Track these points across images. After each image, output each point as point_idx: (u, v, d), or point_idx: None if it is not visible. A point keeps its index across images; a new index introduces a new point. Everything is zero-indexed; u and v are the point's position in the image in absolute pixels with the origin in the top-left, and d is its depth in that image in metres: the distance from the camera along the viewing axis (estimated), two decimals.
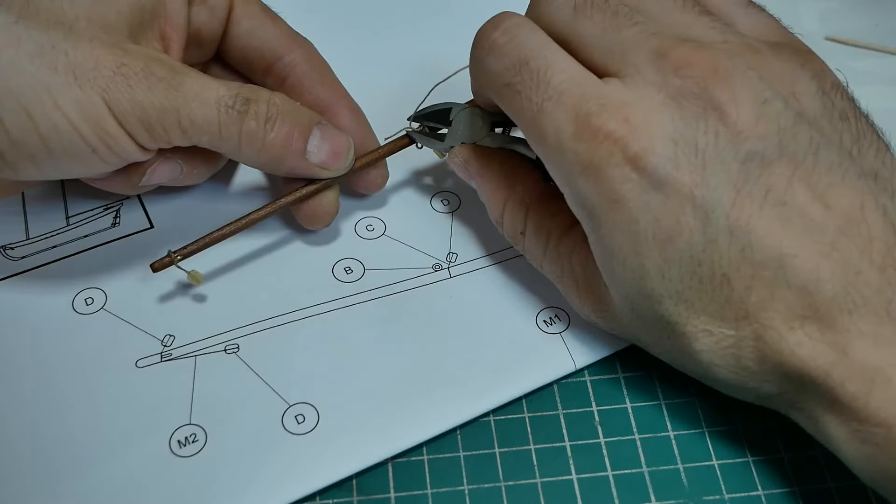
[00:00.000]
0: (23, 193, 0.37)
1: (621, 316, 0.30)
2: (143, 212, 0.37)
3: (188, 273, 0.33)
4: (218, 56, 0.36)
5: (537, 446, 0.31)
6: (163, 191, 0.36)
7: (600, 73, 0.28)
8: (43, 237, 0.36)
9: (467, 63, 0.32)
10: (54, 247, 0.36)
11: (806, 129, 0.27)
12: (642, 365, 0.33)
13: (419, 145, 0.36)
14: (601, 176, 0.27)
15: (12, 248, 0.36)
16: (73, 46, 0.28)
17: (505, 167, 0.34)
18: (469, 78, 0.33)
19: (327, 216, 0.35)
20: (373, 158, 0.35)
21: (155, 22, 0.31)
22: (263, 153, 0.32)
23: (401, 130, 0.36)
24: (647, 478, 0.31)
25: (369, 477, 0.30)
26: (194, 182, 0.34)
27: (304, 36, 0.36)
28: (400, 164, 0.38)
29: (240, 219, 0.33)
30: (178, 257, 0.32)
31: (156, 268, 0.32)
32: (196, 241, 0.33)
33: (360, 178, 0.36)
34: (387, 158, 0.36)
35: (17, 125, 0.28)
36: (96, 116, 0.28)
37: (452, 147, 0.35)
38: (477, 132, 0.35)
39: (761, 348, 0.27)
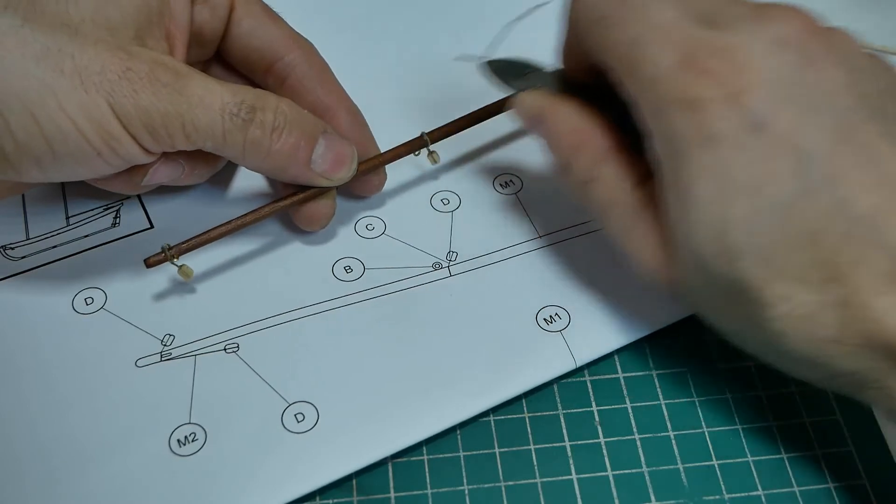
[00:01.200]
0: (23, 194, 0.37)
1: (688, 278, 0.29)
2: (143, 212, 0.37)
3: (179, 267, 0.33)
4: (219, 55, 0.36)
5: (537, 446, 0.31)
6: (163, 191, 0.36)
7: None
8: (43, 237, 0.36)
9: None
10: (54, 247, 0.36)
11: (890, 101, 0.27)
12: (642, 365, 0.33)
13: (418, 153, 0.36)
14: (699, 109, 0.26)
15: (12, 248, 0.36)
16: (79, 49, 0.28)
17: (579, 113, 0.32)
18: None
19: (324, 218, 0.35)
20: (373, 165, 0.35)
21: (161, 21, 0.31)
22: (268, 161, 0.32)
23: (420, 146, 0.36)
24: (647, 478, 0.31)
25: (369, 477, 0.30)
26: (195, 182, 0.34)
27: (305, 36, 0.36)
28: (400, 164, 0.38)
29: (236, 219, 0.33)
30: (173, 254, 0.32)
31: (150, 263, 0.32)
32: (191, 239, 0.33)
33: (358, 181, 0.36)
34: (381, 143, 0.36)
35: (23, 128, 0.28)
36: (101, 120, 0.28)
37: (519, 92, 0.34)
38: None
39: (845, 316, 0.25)
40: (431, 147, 0.36)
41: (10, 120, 0.27)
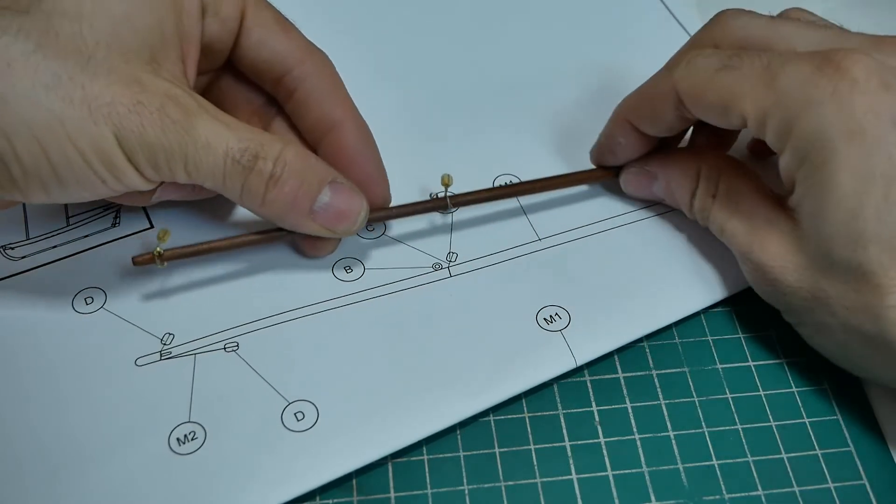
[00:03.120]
0: None
1: (808, 267, 0.30)
2: (143, 212, 0.37)
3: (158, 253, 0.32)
4: (230, 62, 0.35)
5: (537, 446, 0.31)
6: None
7: None
8: (43, 237, 0.36)
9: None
10: (54, 247, 0.36)
11: None
12: (642, 365, 0.33)
13: (444, 213, 0.37)
14: (844, 104, 0.28)
15: (12, 248, 0.36)
16: (90, 79, 0.28)
17: (684, 150, 0.36)
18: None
19: (331, 244, 0.35)
20: (385, 216, 0.35)
21: (175, 42, 0.31)
22: (264, 209, 0.31)
23: (441, 207, 0.36)
24: (647, 478, 0.31)
25: (369, 477, 0.30)
26: (205, 197, 0.34)
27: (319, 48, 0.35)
28: (400, 164, 0.37)
29: (235, 237, 0.33)
30: (162, 261, 0.32)
31: (137, 262, 0.32)
32: (185, 247, 0.33)
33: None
34: (385, 162, 0.36)
35: (30, 154, 0.27)
36: (107, 152, 0.28)
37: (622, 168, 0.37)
38: None
39: None
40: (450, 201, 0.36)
41: (17, 146, 0.27)
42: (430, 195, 0.36)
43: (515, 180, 0.39)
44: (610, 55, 0.45)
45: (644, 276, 0.35)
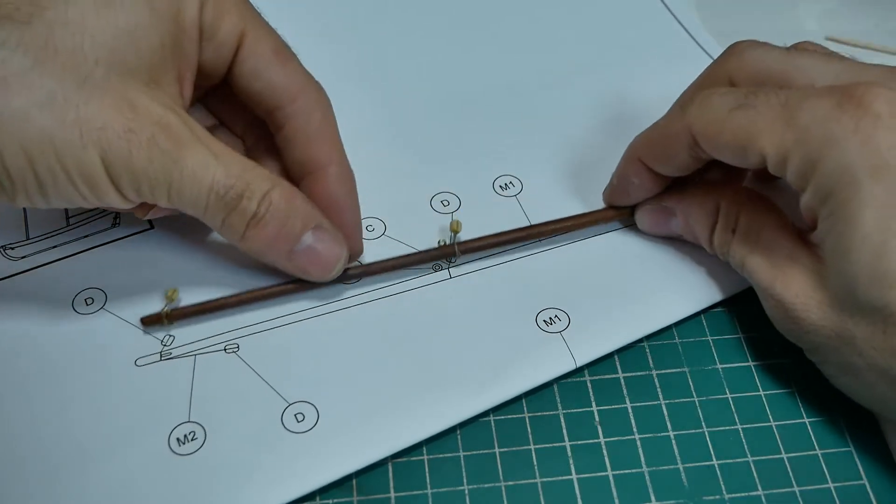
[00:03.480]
0: None
1: (832, 305, 0.30)
2: None
3: (164, 314, 0.33)
4: (227, 82, 0.34)
5: (537, 446, 0.31)
6: None
7: None
8: (43, 237, 0.36)
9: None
10: (54, 247, 0.36)
11: None
12: (642, 365, 0.33)
13: (444, 265, 0.35)
14: (868, 140, 0.28)
15: (12, 248, 0.36)
16: (85, 101, 0.28)
17: (701, 185, 0.35)
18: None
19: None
20: (387, 268, 0.34)
21: (175, 62, 0.30)
22: (242, 245, 0.31)
23: (448, 255, 0.35)
24: (647, 478, 0.31)
25: (369, 477, 0.30)
26: None
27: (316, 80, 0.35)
28: (400, 165, 0.38)
29: (244, 294, 0.33)
30: (169, 321, 0.32)
31: (145, 322, 0.32)
32: (193, 306, 0.33)
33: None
34: (385, 162, 0.36)
35: (17, 167, 0.27)
36: (92, 174, 0.28)
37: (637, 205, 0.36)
38: None
39: None
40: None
41: (6, 158, 0.27)
42: (438, 242, 0.36)
43: (515, 181, 0.39)
44: (609, 55, 0.45)
45: (643, 278, 0.35)
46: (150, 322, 0.33)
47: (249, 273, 0.35)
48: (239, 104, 0.34)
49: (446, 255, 0.35)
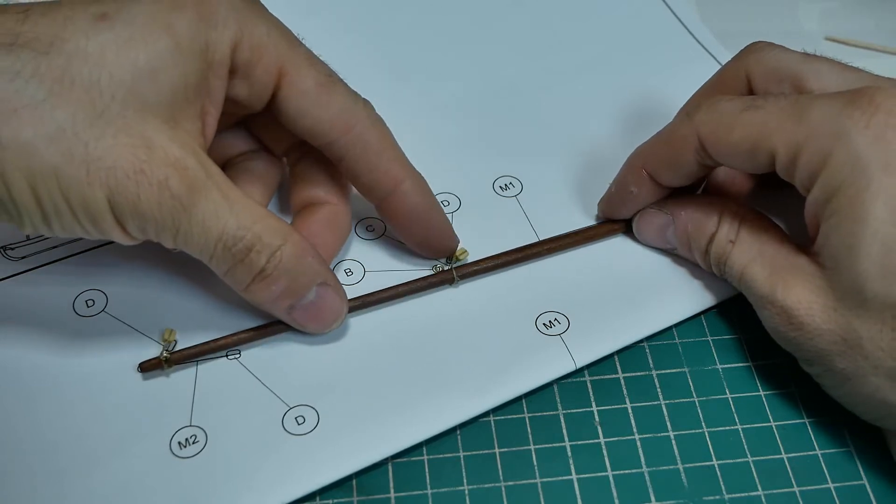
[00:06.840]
0: None
1: (837, 307, 0.29)
2: None
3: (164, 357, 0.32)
4: (269, 109, 0.32)
5: (537, 446, 0.31)
6: None
7: None
8: (43, 237, 0.36)
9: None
10: (54, 247, 0.36)
11: None
12: (642, 365, 0.33)
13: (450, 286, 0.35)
14: (880, 136, 0.28)
15: (12, 248, 0.36)
16: (96, 137, 0.27)
17: (703, 195, 0.36)
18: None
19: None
20: (389, 296, 0.34)
21: (197, 99, 0.29)
22: (245, 295, 0.31)
23: (448, 282, 0.35)
24: (647, 478, 0.31)
25: (369, 477, 0.30)
26: None
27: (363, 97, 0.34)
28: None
29: (241, 332, 0.33)
30: (169, 365, 0.32)
31: (144, 368, 0.32)
32: (192, 348, 0.32)
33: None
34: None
35: (23, 199, 0.27)
36: (96, 213, 0.27)
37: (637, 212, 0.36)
38: None
39: None
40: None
41: (12, 190, 0.27)
42: (434, 268, 0.36)
43: (515, 182, 0.39)
44: (609, 55, 0.45)
45: (642, 280, 0.35)
46: (148, 368, 0.32)
47: None
48: (281, 125, 0.33)
49: (445, 281, 0.35)
